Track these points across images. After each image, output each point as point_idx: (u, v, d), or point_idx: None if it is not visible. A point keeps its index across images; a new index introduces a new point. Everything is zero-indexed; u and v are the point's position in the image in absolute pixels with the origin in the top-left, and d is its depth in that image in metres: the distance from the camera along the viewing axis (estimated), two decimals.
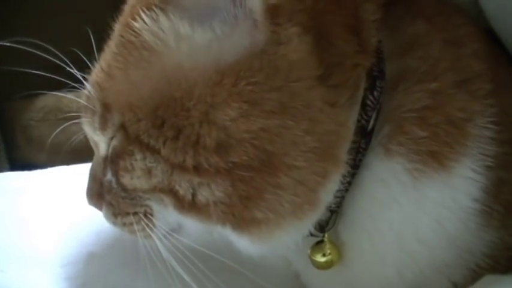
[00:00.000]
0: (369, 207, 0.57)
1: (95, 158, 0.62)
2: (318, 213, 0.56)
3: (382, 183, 0.56)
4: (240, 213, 0.53)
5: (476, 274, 0.60)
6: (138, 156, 0.54)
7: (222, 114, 0.51)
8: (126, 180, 0.56)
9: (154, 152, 0.53)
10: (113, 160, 0.57)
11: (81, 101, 0.59)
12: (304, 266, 0.65)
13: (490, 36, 0.63)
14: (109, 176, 0.58)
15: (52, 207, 0.75)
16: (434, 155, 0.54)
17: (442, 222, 0.57)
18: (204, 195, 0.53)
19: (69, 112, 1.22)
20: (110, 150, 0.57)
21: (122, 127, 0.55)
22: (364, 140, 0.55)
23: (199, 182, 0.53)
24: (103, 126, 0.57)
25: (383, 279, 0.60)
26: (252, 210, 0.53)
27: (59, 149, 1.03)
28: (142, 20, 0.53)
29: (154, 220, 0.58)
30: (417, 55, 0.56)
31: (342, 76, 0.53)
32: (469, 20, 0.62)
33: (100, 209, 0.61)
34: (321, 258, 0.60)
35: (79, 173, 0.80)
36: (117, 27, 0.57)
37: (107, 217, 0.61)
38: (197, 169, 0.52)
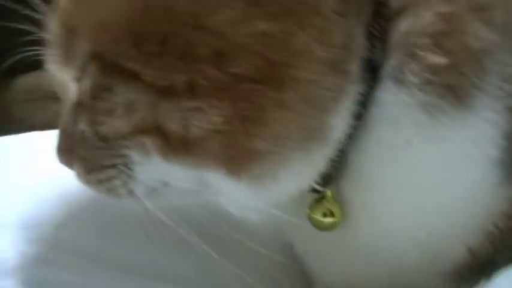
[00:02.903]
0: (377, 154, 0.48)
1: (64, 108, 0.53)
2: (327, 149, 0.47)
3: (393, 122, 0.47)
4: (241, 144, 0.44)
5: (495, 238, 0.52)
6: (119, 89, 0.45)
7: (219, 15, 0.43)
8: (106, 126, 0.47)
9: (136, 79, 0.44)
10: (88, 105, 0.48)
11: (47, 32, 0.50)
12: (299, 232, 0.56)
13: None
14: (81, 125, 0.49)
15: (13, 172, 0.64)
16: (452, 88, 0.46)
17: (460, 171, 0.49)
18: (198, 125, 0.44)
19: (49, 91, 1.15)
20: (83, 94, 0.48)
21: (95, 56, 0.46)
22: (369, 74, 0.47)
23: (193, 108, 0.44)
24: (67, 58, 0.48)
25: (393, 242, 0.52)
26: (254, 139, 0.44)
27: (39, 129, 0.93)
28: None
29: (135, 173, 0.48)
30: None
31: None
32: None
33: (71, 166, 0.52)
34: (322, 218, 0.52)
35: (46, 137, 0.71)
36: None
37: (79, 176, 0.51)
38: (191, 89, 0.43)
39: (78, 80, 0.48)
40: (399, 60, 0.47)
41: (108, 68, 0.45)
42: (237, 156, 0.45)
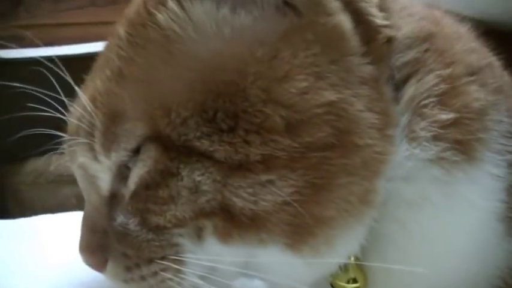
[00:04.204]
0: (397, 212, 0.49)
1: (90, 204, 0.49)
2: (373, 212, 0.48)
3: (410, 179, 0.48)
4: (310, 212, 0.44)
5: None
6: (185, 171, 0.44)
7: (288, 87, 0.44)
8: (164, 215, 0.45)
9: (206, 157, 0.44)
10: (139, 195, 0.45)
11: (71, 121, 0.49)
12: None
13: None
14: (121, 218, 0.46)
15: (24, 255, 0.64)
16: (461, 143, 0.48)
17: (472, 225, 0.50)
18: (269, 199, 0.44)
19: (59, 174, 1.15)
20: (134, 184, 0.46)
21: (155, 139, 0.45)
22: None
23: (265, 181, 0.43)
24: (109, 145, 0.46)
25: None
26: (322, 207, 0.45)
27: (50, 212, 0.94)
28: (167, 12, 0.46)
29: (186, 262, 0.46)
30: (422, 48, 0.51)
31: (379, 51, 0.48)
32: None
33: (101, 267, 0.48)
34: (346, 284, 0.51)
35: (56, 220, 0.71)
36: (119, 30, 0.49)
37: (115, 275, 0.47)
38: (265, 162, 0.43)
39: (119, 169, 0.47)
40: (409, 121, 0.49)
41: (172, 150, 0.44)
42: (304, 225, 0.44)
